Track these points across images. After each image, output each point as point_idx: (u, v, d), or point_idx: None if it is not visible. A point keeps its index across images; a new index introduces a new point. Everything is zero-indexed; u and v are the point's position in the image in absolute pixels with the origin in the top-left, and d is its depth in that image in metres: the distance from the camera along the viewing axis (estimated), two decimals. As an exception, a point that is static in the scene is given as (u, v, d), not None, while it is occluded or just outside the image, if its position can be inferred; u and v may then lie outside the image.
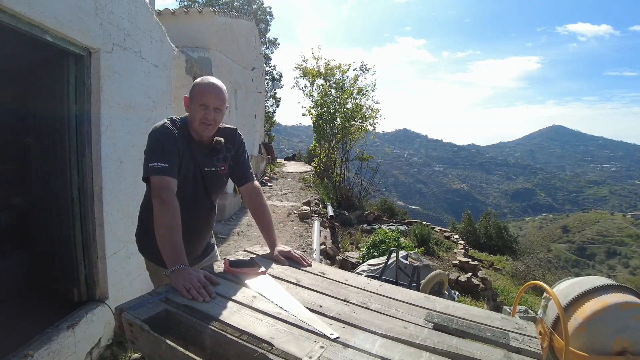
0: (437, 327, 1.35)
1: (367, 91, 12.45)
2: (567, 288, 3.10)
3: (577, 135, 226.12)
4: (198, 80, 1.88)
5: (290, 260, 1.87)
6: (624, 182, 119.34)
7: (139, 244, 2.03)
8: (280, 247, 1.95)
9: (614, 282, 3.03)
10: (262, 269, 1.67)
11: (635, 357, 2.68)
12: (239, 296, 1.42)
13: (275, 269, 1.73)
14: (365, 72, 12.52)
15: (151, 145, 1.74)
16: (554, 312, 2.91)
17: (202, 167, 1.90)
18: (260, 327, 1.20)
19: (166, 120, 1.84)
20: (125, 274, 3.44)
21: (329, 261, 5.83)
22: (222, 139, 1.93)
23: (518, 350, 1.25)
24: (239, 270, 1.60)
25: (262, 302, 1.38)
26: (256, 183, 2.10)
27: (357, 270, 4.73)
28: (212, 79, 1.86)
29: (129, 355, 3.09)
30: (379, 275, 4.08)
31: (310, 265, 1.82)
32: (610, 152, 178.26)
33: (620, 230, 57.42)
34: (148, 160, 1.70)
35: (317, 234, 6.65)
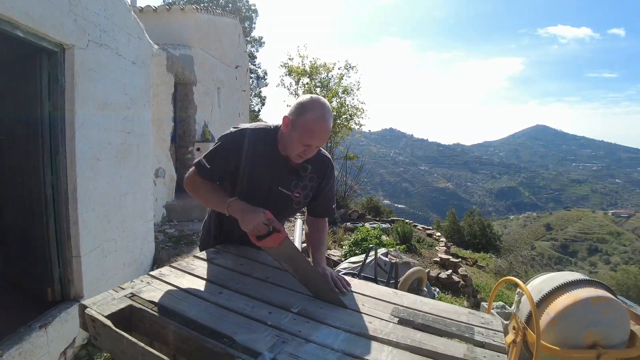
0: (403, 322, 1.36)
1: (351, 90, 12.45)
2: (540, 283, 3.15)
3: (559, 134, 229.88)
4: (306, 103, 1.58)
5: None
6: (605, 180, 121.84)
7: (202, 248, 2.02)
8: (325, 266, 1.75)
9: (586, 277, 3.08)
10: (284, 230, 1.52)
11: (605, 350, 2.74)
12: (204, 292, 1.42)
13: (245, 265, 1.73)
14: (350, 70, 12.50)
15: (215, 146, 1.70)
16: (528, 307, 2.96)
17: (275, 185, 1.74)
18: (223, 322, 1.21)
19: (247, 130, 1.69)
20: (101, 272, 3.40)
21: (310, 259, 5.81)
22: (309, 166, 1.74)
23: (482, 344, 1.27)
24: (265, 242, 1.51)
25: (227, 298, 1.38)
26: (326, 220, 1.98)
27: (337, 268, 4.75)
28: (324, 112, 1.56)
29: (105, 354, 3.06)
30: (358, 272, 4.10)
31: (346, 292, 1.60)
32: (591, 151, 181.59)
33: (601, 228, 58.59)
34: (204, 155, 1.71)
35: (299, 232, 6.66)
